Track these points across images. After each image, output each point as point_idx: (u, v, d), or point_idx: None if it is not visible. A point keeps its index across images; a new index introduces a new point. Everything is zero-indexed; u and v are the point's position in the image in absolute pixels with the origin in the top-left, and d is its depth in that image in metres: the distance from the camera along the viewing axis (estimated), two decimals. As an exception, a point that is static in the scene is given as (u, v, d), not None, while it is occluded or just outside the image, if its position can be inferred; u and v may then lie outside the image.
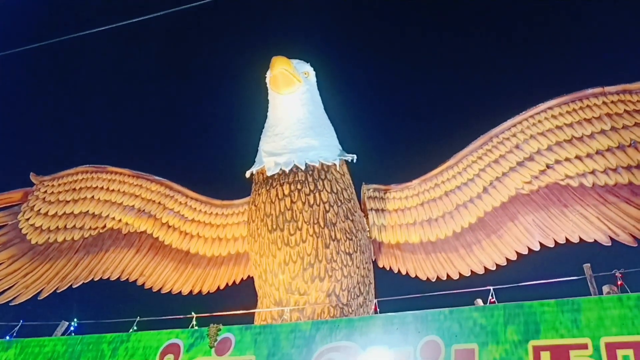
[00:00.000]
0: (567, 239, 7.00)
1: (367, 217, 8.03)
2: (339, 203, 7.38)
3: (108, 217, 8.97)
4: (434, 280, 7.69)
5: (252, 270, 7.77)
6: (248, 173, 7.91)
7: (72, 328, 6.93)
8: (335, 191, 7.42)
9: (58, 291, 8.57)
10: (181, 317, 6.38)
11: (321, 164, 7.49)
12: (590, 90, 7.09)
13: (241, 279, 8.53)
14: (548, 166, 7.22)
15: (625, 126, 6.81)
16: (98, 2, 13.36)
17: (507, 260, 7.37)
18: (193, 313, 6.33)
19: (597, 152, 6.91)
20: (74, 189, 9.12)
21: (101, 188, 9.07)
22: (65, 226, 8.94)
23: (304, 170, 7.38)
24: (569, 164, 7.07)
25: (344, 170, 7.85)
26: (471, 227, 7.63)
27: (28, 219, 8.96)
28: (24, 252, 8.76)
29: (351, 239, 7.32)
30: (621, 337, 4.42)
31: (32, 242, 8.82)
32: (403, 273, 7.91)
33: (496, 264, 7.42)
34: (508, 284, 5.56)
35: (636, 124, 6.75)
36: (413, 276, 7.84)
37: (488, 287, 5.53)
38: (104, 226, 8.96)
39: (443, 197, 7.86)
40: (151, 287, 8.73)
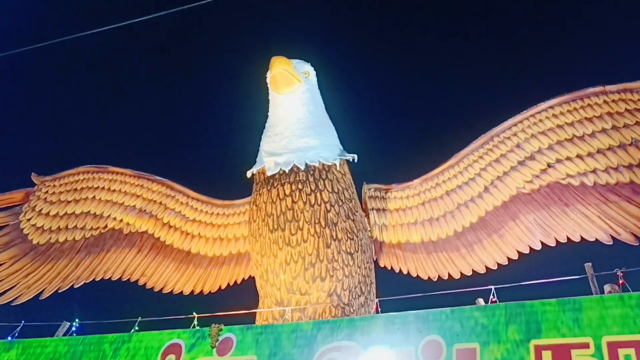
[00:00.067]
0: (569, 238, 7.00)
1: (368, 217, 8.02)
2: (340, 203, 7.37)
3: (109, 217, 8.98)
4: (435, 279, 7.70)
5: (254, 270, 7.78)
6: (249, 173, 7.91)
7: (74, 328, 6.94)
8: (336, 191, 7.42)
9: (60, 291, 8.59)
10: (182, 317, 6.38)
11: (322, 164, 7.49)
12: (591, 89, 7.09)
13: (242, 279, 8.54)
14: (549, 165, 7.21)
15: (626, 125, 6.80)
16: (98, 2, 13.37)
17: (509, 259, 7.37)
18: (194, 313, 6.33)
19: (598, 151, 6.91)
20: (76, 189, 9.13)
21: (102, 188, 9.08)
22: (66, 226, 8.95)
23: (305, 170, 7.38)
24: (570, 163, 7.07)
25: (345, 170, 7.84)
26: (472, 227, 7.63)
27: (29, 219, 8.97)
28: (26, 252, 8.78)
29: (352, 239, 7.32)
30: (623, 336, 4.43)
31: (34, 243, 8.83)
32: (404, 272, 7.91)
33: (497, 263, 7.42)
34: (509, 284, 5.57)
35: (637, 123, 6.75)
36: (414, 276, 7.85)
37: (489, 287, 5.53)
38: (106, 226, 8.97)
39: (444, 197, 7.86)
40: (152, 287, 8.74)
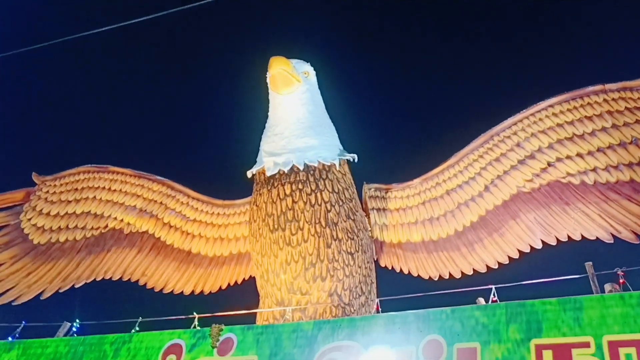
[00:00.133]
0: (569, 237, 7.00)
1: (369, 217, 8.02)
2: (341, 202, 7.37)
3: (110, 217, 8.98)
4: (436, 279, 7.70)
5: (254, 270, 7.78)
6: (249, 173, 7.91)
7: (75, 329, 6.94)
8: (336, 191, 7.41)
9: (60, 291, 8.59)
10: (183, 318, 6.37)
11: (322, 164, 7.48)
12: (590, 87, 7.08)
13: (243, 279, 8.53)
14: (549, 164, 7.21)
15: (626, 123, 6.80)
16: (98, 2, 13.38)
17: (509, 258, 7.37)
18: (195, 313, 6.31)
19: (598, 150, 6.90)
20: (76, 189, 9.12)
21: (103, 188, 9.07)
22: (67, 226, 8.95)
23: (305, 170, 7.37)
24: (570, 162, 7.06)
25: (345, 169, 7.84)
26: (473, 226, 7.63)
27: (30, 219, 8.96)
28: (26, 252, 8.77)
29: (353, 239, 7.32)
30: (623, 336, 4.41)
31: (34, 242, 8.83)
32: (405, 272, 7.91)
33: (498, 263, 7.42)
34: (510, 283, 5.56)
35: (637, 121, 6.75)
36: (415, 275, 7.85)
37: (490, 286, 5.52)
38: (106, 226, 8.97)
39: (444, 196, 7.85)
40: (153, 287, 8.73)
